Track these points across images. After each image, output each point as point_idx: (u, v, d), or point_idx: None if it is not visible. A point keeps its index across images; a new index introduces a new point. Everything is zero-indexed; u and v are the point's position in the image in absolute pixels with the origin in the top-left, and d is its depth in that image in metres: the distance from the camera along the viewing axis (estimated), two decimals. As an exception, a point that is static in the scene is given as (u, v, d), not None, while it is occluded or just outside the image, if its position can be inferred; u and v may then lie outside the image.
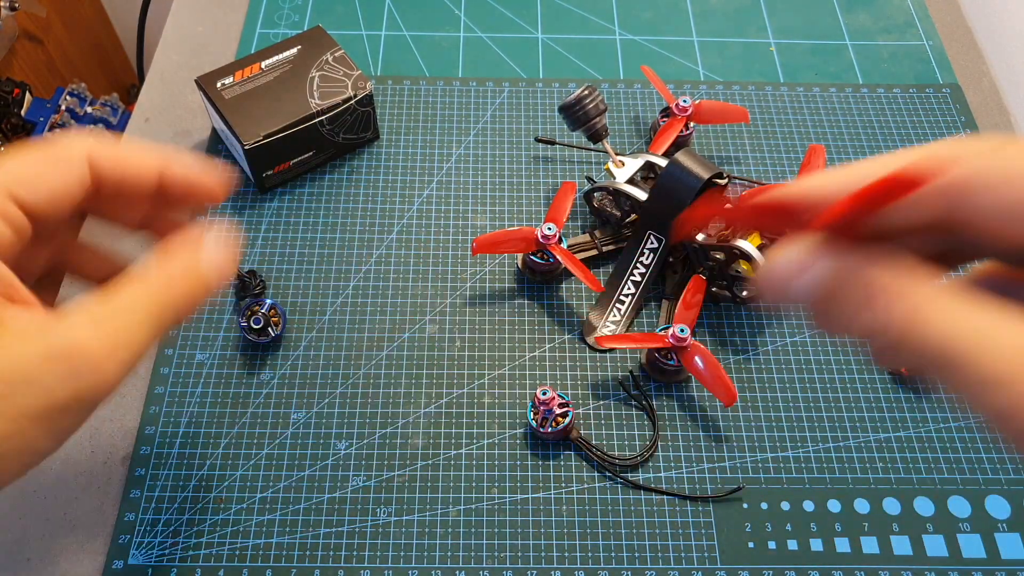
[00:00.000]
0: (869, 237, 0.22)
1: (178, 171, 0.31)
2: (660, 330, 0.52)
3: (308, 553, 0.46)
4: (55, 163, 0.28)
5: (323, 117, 0.58)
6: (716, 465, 0.49)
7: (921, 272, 0.21)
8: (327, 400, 0.51)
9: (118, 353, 0.25)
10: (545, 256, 0.54)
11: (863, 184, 0.21)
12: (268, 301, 0.52)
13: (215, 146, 0.63)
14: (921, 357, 0.20)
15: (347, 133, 0.61)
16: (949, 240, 0.23)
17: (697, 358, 0.49)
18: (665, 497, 0.48)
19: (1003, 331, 0.19)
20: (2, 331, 0.24)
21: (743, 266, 0.52)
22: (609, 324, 0.54)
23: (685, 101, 0.60)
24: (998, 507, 0.48)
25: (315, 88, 0.59)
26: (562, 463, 0.49)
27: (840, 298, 0.21)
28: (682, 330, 0.49)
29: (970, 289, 0.21)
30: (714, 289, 0.54)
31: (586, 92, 0.56)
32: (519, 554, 0.46)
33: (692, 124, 0.61)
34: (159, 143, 0.64)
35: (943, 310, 0.20)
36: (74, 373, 0.24)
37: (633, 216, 0.56)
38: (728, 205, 0.25)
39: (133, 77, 1.34)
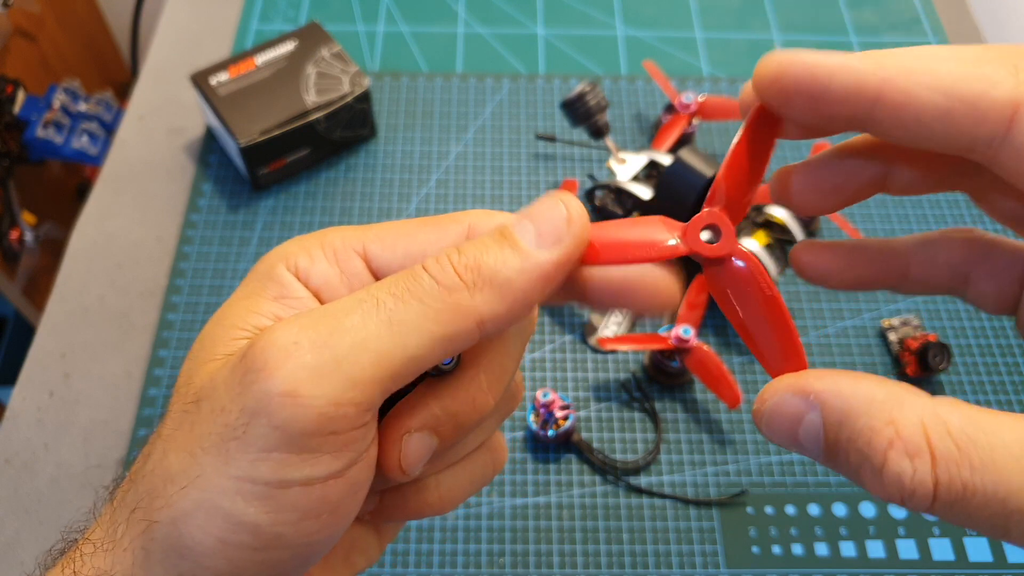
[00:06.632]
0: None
1: None
2: (663, 331, 0.51)
3: (305, 559, 0.45)
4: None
5: (319, 114, 0.57)
6: (720, 469, 0.48)
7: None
8: (324, 402, 0.50)
9: (329, 407, 0.18)
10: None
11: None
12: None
13: (209, 143, 0.62)
14: (975, 524, 0.16)
15: (344, 130, 0.60)
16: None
17: (700, 360, 0.48)
18: (668, 501, 0.47)
19: None
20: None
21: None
22: (611, 325, 0.53)
23: (688, 97, 0.59)
24: (1006, 510, 0.47)
25: (311, 84, 0.58)
26: (563, 467, 0.48)
27: (843, 455, 0.17)
28: (685, 331, 0.48)
29: None
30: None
31: (587, 88, 0.55)
32: (519, 559, 0.45)
33: (696, 121, 0.60)
34: (152, 140, 0.63)
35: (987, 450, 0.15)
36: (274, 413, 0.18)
37: (636, 214, 0.55)
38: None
39: (127, 74, 1.33)
